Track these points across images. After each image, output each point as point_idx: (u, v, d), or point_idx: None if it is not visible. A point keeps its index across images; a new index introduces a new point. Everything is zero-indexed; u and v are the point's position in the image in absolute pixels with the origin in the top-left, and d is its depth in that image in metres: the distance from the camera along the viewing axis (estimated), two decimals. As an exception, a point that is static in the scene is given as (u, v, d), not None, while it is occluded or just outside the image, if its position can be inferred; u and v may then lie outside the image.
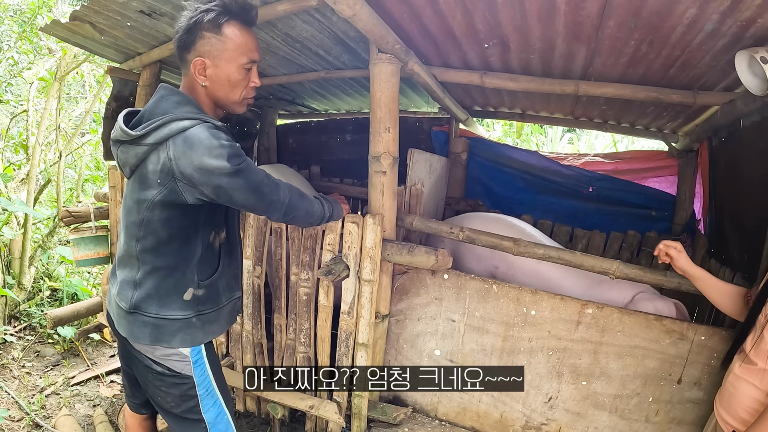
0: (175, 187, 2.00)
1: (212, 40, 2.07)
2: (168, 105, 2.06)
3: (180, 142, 1.96)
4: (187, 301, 2.23)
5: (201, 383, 2.34)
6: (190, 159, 1.94)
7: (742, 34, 2.40)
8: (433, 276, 3.22)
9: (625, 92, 3.34)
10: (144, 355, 2.29)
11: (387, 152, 2.99)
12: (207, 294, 2.31)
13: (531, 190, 5.24)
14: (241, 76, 2.15)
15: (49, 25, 3.45)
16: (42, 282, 6.04)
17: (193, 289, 2.24)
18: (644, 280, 2.90)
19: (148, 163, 2.02)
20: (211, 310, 2.34)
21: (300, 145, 6.52)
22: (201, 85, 2.14)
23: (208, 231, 2.25)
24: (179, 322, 2.23)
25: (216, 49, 2.08)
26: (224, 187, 2.01)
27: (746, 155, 3.31)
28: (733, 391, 2.21)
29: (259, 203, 2.19)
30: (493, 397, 3.25)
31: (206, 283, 2.29)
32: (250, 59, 2.15)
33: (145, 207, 2.07)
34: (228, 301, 2.45)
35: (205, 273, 2.29)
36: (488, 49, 3.16)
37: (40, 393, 4.38)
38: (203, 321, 2.31)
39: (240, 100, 2.22)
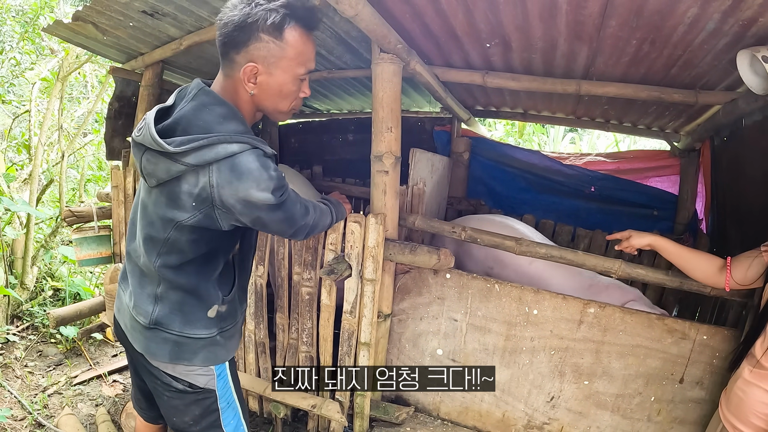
0: (211, 213, 1.86)
1: (270, 45, 1.84)
2: (212, 118, 1.84)
3: (226, 170, 1.79)
4: (212, 318, 2.13)
5: (223, 396, 2.25)
6: (235, 190, 1.79)
7: (744, 34, 2.40)
8: (435, 275, 3.22)
9: (627, 92, 3.33)
10: (163, 372, 2.15)
11: (389, 152, 2.99)
12: (228, 310, 2.22)
13: (533, 190, 5.24)
14: (295, 87, 1.97)
15: (52, 25, 3.46)
16: (45, 282, 6.06)
17: (217, 305, 2.14)
18: (646, 279, 2.90)
19: (182, 182, 1.83)
20: (231, 326, 2.26)
21: (302, 144, 6.52)
22: (248, 93, 1.93)
23: (229, 248, 2.16)
24: (203, 341, 2.13)
25: (273, 55, 1.86)
26: (263, 218, 1.92)
27: (748, 154, 3.31)
28: (743, 396, 2.19)
29: (289, 230, 2.13)
30: (496, 397, 3.25)
31: (229, 298, 2.19)
32: (307, 69, 1.97)
33: (173, 227, 1.91)
34: (241, 314, 2.38)
35: (226, 288, 2.20)
36: (490, 48, 3.16)
37: (42, 392, 4.38)
38: (225, 338, 2.22)
39: (288, 111, 2.05)
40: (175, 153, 1.76)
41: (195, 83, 1.95)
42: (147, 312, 2.07)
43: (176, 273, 2.02)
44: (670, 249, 2.62)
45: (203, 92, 1.90)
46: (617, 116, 4.61)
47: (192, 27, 3.37)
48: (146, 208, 2.01)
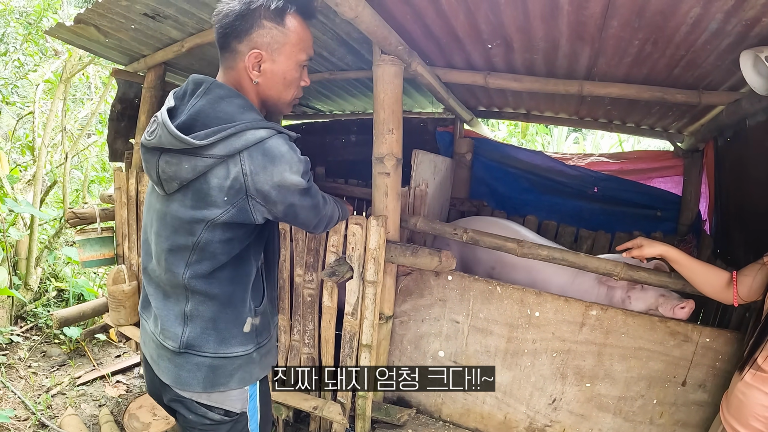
0: (245, 205, 1.79)
1: (273, 31, 1.84)
2: (232, 109, 1.80)
3: (259, 155, 1.75)
4: (247, 333, 2.03)
5: (252, 416, 2.15)
6: (270, 174, 1.75)
7: (747, 34, 2.39)
8: (436, 277, 3.22)
9: (629, 92, 3.32)
10: (197, 403, 2.03)
11: (390, 153, 2.98)
12: (262, 322, 2.11)
13: (536, 191, 5.23)
14: (297, 74, 1.96)
15: (54, 28, 3.46)
16: (48, 283, 6.08)
17: (251, 318, 2.04)
18: (649, 282, 2.88)
19: (210, 177, 1.76)
20: (267, 341, 2.16)
21: (304, 145, 6.36)
22: (252, 82, 1.89)
23: (259, 250, 2.08)
24: (239, 360, 2.01)
25: (276, 41, 1.85)
26: (296, 204, 1.88)
27: (752, 155, 3.29)
28: (743, 398, 2.19)
29: (314, 220, 2.10)
30: (497, 399, 3.24)
31: (261, 309, 2.10)
32: (308, 56, 1.97)
33: (204, 227, 1.82)
34: (275, 327, 2.28)
35: (257, 298, 2.10)
36: (492, 49, 3.15)
37: (46, 393, 4.40)
38: (261, 354, 2.12)
39: (291, 101, 2.03)
40: (202, 146, 1.71)
41: (198, 78, 1.87)
42: (176, 335, 1.95)
43: (208, 283, 1.91)
44: (681, 260, 2.57)
45: (216, 85, 1.84)
46: (620, 116, 4.60)
47: (193, 29, 3.37)
48: (165, 217, 1.90)
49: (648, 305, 3.11)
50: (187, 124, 1.76)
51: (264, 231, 2.06)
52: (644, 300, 3.13)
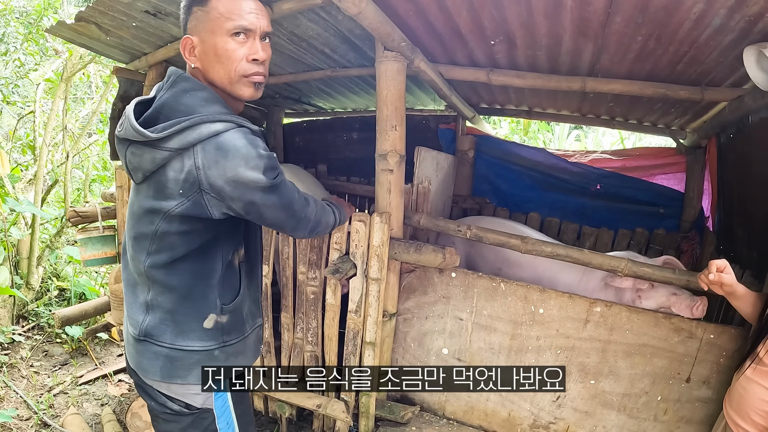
0: (200, 199, 1.75)
1: (198, 13, 1.81)
2: (194, 101, 1.78)
3: (211, 149, 1.71)
4: (209, 329, 1.97)
5: (221, 415, 2.09)
6: (222, 169, 1.70)
7: (751, 29, 2.38)
8: (440, 274, 3.21)
9: (632, 89, 3.31)
10: (157, 391, 2.02)
11: (394, 150, 2.98)
12: (231, 321, 2.05)
13: (538, 188, 5.22)
14: (229, 47, 1.81)
15: (55, 26, 3.45)
16: (50, 282, 6.08)
17: (215, 315, 1.98)
18: (653, 278, 2.88)
19: (168, 170, 1.74)
20: (237, 340, 2.08)
21: (307, 143, 6.51)
22: (191, 68, 1.87)
23: (230, 247, 2.01)
24: (198, 355, 1.97)
25: (201, 22, 1.81)
26: (257, 203, 1.80)
27: (755, 152, 3.29)
28: (743, 393, 2.20)
29: (288, 221, 2.01)
30: (501, 396, 3.23)
31: (230, 308, 2.02)
32: (237, 25, 1.80)
33: (161, 218, 1.80)
34: (252, 329, 2.19)
35: (228, 296, 2.03)
36: (494, 46, 3.14)
37: (48, 392, 4.39)
38: (227, 354, 2.05)
39: (237, 78, 1.85)
40: (157, 139, 1.71)
41: (170, 71, 1.88)
42: (137, 322, 1.96)
43: (167, 273, 1.90)
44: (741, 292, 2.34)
45: (183, 78, 1.85)
46: (623, 113, 4.59)
47: (195, 26, 3.36)
48: (133, 206, 1.94)
49: (659, 304, 3.10)
50: (152, 116, 1.79)
51: (237, 228, 2.02)
52: (655, 299, 3.12)
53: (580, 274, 3.51)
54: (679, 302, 3.03)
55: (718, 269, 2.24)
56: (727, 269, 2.24)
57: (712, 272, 2.24)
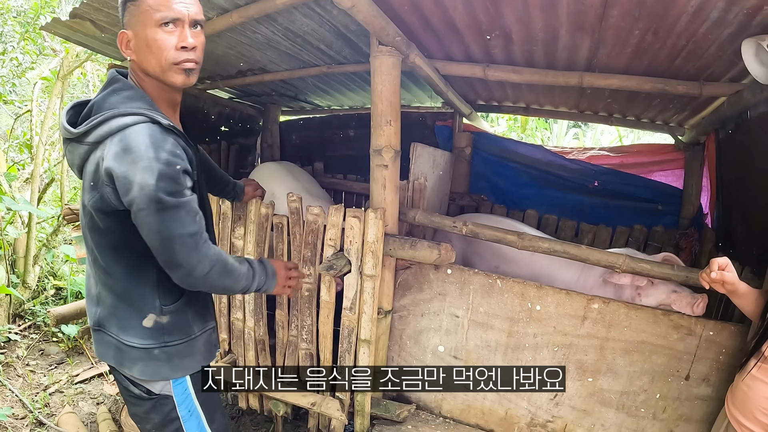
0: (104, 191, 1.76)
1: (131, 8, 1.87)
2: (118, 99, 1.83)
3: (116, 141, 1.72)
4: (148, 329, 1.99)
5: (182, 403, 2.12)
6: (118, 162, 1.70)
7: (749, 23, 2.36)
8: (436, 271, 3.19)
9: (630, 83, 3.30)
10: (122, 375, 2.10)
11: (388, 145, 2.95)
12: (174, 322, 2.05)
13: (536, 185, 5.21)
14: (158, 36, 1.84)
15: (50, 23, 3.43)
16: (46, 281, 6.05)
17: (155, 315, 1.99)
18: (651, 274, 2.86)
19: (88, 164, 1.82)
20: (180, 342, 2.07)
21: (303, 141, 6.51)
22: (129, 60, 1.92)
23: None
24: (138, 351, 2.00)
25: (133, 15, 1.86)
26: (142, 210, 1.72)
27: (754, 147, 3.27)
28: (748, 391, 2.17)
29: (160, 254, 1.83)
30: (498, 395, 3.21)
31: (171, 309, 2.03)
32: (165, 15, 1.83)
33: (85, 213, 1.90)
34: (201, 332, 2.17)
35: (169, 297, 2.02)
36: (491, 40, 3.13)
37: (43, 391, 4.37)
38: (169, 354, 2.05)
39: (168, 66, 1.87)
40: (79, 135, 1.80)
41: (110, 72, 1.96)
42: (92, 313, 2.06)
43: (106, 272, 1.96)
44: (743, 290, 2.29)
45: (115, 79, 1.91)
46: (621, 110, 4.58)
47: (190, 22, 3.34)
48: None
49: (659, 302, 3.08)
50: (85, 115, 1.86)
51: None
52: (655, 296, 3.11)
53: (578, 272, 3.49)
54: (679, 299, 3.01)
55: (720, 267, 2.18)
56: (728, 267, 2.18)
57: (714, 270, 2.18)
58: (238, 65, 4.35)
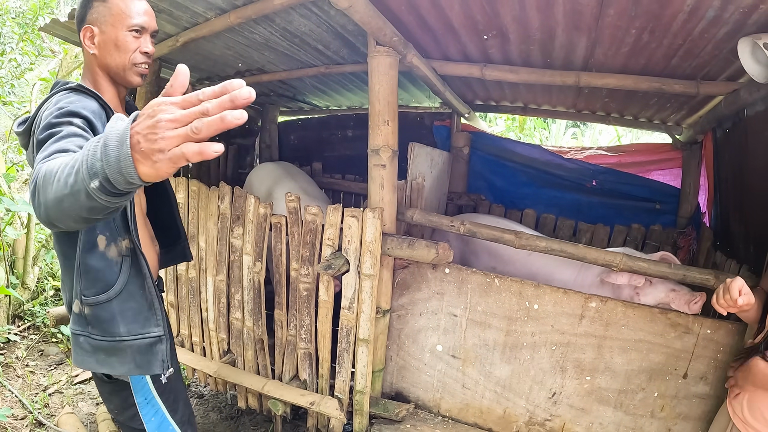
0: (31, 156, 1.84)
1: (99, 8, 2.03)
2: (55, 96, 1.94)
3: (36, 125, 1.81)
4: (76, 314, 1.98)
5: (138, 390, 2.14)
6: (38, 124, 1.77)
7: (745, 21, 2.37)
8: (434, 270, 3.20)
9: (627, 83, 3.30)
10: None
11: (386, 145, 2.96)
12: (94, 316, 1.96)
13: (534, 184, 5.22)
14: (128, 39, 2.05)
15: (49, 24, 3.45)
16: (46, 281, 6.05)
17: (78, 302, 1.95)
18: (649, 273, 2.86)
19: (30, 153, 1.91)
20: (103, 339, 1.97)
21: (301, 141, 6.52)
22: (90, 54, 2.06)
23: (91, 232, 1.91)
24: (72, 335, 2.01)
25: (102, 15, 2.03)
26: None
27: (751, 146, 3.27)
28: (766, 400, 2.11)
29: None
30: (497, 393, 3.22)
31: (90, 301, 1.93)
32: (136, 23, 2.05)
33: None
34: (134, 337, 2.00)
35: (92, 289, 1.94)
36: (488, 40, 3.13)
37: (43, 391, 4.38)
38: (94, 347, 1.98)
39: (130, 66, 2.08)
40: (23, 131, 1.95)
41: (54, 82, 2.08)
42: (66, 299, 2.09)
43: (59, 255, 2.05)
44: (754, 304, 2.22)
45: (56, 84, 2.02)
46: (618, 109, 4.58)
47: (187, 23, 3.35)
48: None
49: (658, 300, 3.09)
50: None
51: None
52: (654, 295, 3.11)
53: (576, 272, 3.50)
54: (678, 298, 3.02)
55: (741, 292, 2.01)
56: (745, 288, 2.02)
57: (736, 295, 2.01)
58: (236, 66, 4.36)
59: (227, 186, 3.44)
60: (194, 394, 4.51)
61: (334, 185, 5.82)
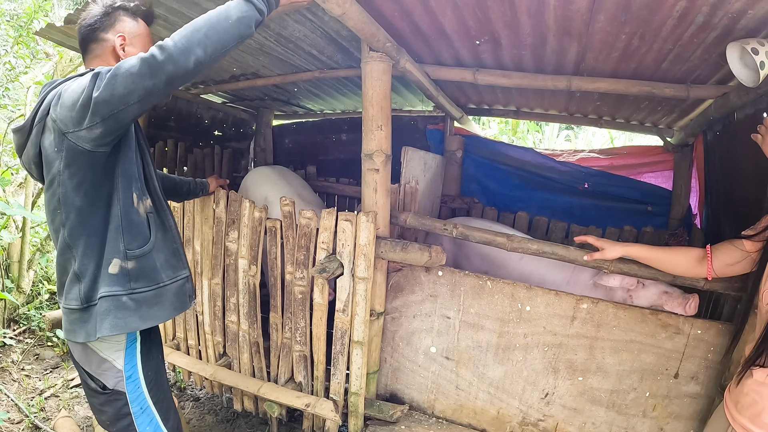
0: (69, 143, 1.93)
1: (130, 22, 2.24)
2: None
3: (55, 99, 1.97)
4: (114, 275, 2.06)
5: (134, 400, 2.21)
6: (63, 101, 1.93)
7: (734, 26, 2.40)
8: (427, 273, 3.22)
9: (618, 87, 3.34)
10: (82, 368, 2.23)
11: (379, 150, 2.99)
12: (140, 268, 2.14)
13: (527, 187, 5.25)
14: None
15: (45, 28, 3.45)
16: (41, 285, 6.05)
17: (120, 260, 2.07)
18: (639, 275, 2.88)
19: (44, 141, 2.03)
20: (148, 289, 2.16)
21: (296, 145, 6.53)
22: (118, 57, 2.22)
23: (128, 191, 2.12)
24: (107, 302, 2.04)
25: (133, 30, 2.24)
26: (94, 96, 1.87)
27: (741, 148, 3.31)
28: (758, 398, 2.07)
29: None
30: (490, 394, 3.25)
31: (137, 253, 2.12)
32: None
33: (57, 183, 2.00)
34: (171, 280, 2.28)
35: (135, 242, 2.13)
36: (480, 45, 3.16)
37: (39, 395, 4.38)
38: (138, 302, 2.12)
39: None
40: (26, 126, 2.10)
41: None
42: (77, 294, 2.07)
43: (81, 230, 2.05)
44: (645, 254, 2.65)
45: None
46: (610, 112, 4.62)
47: (182, 28, 3.36)
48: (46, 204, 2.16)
49: (651, 302, 3.11)
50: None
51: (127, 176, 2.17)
52: (646, 298, 3.13)
53: (568, 275, 3.52)
54: (670, 300, 3.04)
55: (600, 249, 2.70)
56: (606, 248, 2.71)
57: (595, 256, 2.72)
58: (231, 70, 4.38)
59: (222, 190, 3.46)
60: (190, 397, 4.52)
61: (329, 188, 5.83)
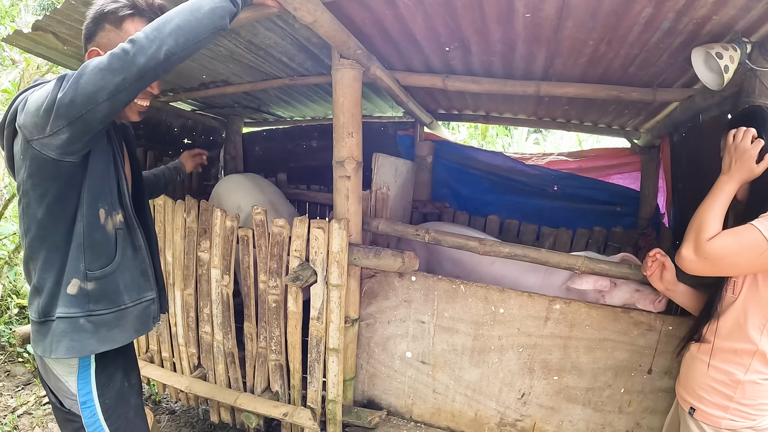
0: (33, 152, 1.78)
1: (111, 33, 1.95)
2: None
3: (22, 104, 1.81)
4: (73, 296, 1.94)
5: (90, 425, 2.09)
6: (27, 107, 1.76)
7: (698, 32, 2.46)
8: (401, 278, 3.24)
9: (586, 91, 3.39)
10: (46, 383, 2.15)
11: (351, 157, 3.00)
12: (101, 290, 2.00)
13: (497, 191, 5.28)
14: None
15: (12, 35, 3.40)
16: (9, 299, 5.95)
17: (79, 281, 1.94)
18: (610, 274, 2.93)
19: (15, 146, 1.89)
20: (108, 312, 2.03)
21: (266, 152, 6.50)
22: None
23: (93, 207, 1.96)
24: (64, 323, 1.93)
25: (112, 43, 1.86)
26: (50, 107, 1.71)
27: (706, 149, 3.37)
28: (688, 370, 2.37)
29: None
30: (467, 396, 3.26)
31: (97, 275, 1.98)
32: None
33: (22, 192, 1.90)
34: (134, 303, 2.14)
35: (97, 262, 1.98)
36: (450, 52, 3.18)
37: (12, 413, 4.31)
38: (96, 324, 1.99)
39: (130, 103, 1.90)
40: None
41: None
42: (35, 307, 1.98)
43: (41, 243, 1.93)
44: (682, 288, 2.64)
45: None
46: (578, 116, 4.68)
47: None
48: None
49: (623, 301, 3.14)
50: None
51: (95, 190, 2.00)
52: (619, 297, 3.16)
53: (540, 279, 3.55)
54: (642, 298, 3.08)
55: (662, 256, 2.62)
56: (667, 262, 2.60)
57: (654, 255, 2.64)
58: (200, 77, 4.35)
59: (193, 199, 3.44)
60: (165, 410, 4.48)
61: (300, 196, 5.81)
